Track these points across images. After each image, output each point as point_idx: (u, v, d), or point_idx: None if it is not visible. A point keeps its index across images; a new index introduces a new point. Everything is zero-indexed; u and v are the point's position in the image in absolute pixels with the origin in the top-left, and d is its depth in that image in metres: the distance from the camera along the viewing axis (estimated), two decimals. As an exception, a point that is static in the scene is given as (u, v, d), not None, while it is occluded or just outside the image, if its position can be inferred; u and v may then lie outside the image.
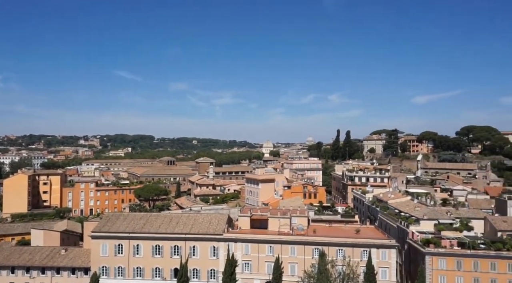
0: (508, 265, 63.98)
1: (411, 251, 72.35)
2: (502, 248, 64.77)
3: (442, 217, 77.45)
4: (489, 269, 64.23)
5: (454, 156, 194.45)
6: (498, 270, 64.03)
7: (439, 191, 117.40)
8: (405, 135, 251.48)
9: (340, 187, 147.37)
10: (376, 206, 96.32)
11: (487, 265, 64.33)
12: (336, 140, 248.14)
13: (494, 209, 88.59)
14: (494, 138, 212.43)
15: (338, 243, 67.52)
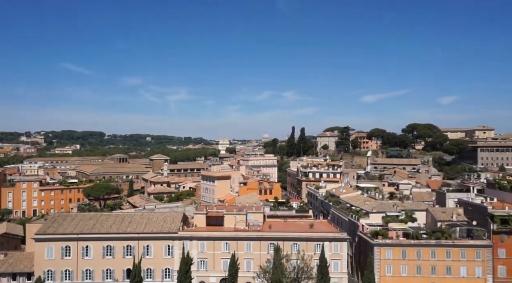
0: (446, 252, 69.21)
1: (361, 243, 75.84)
2: (441, 237, 69.88)
3: (389, 210, 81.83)
4: (430, 257, 69.11)
5: (400, 152, 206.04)
6: (438, 258, 69.07)
7: (386, 185, 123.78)
8: (356, 133, 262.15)
9: (295, 183, 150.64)
10: (329, 200, 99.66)
11: (428, 253, 69.17)
12: (291, 137, 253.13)
13: (435, 201, 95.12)
14: (435, 135, 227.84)
15: (293, 237, 69.10)
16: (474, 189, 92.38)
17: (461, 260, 69.09)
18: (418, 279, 68.78)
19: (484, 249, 69.49)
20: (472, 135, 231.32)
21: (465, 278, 68.86)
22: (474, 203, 79.90)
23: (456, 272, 68.89)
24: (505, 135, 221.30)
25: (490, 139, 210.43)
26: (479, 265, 69.21)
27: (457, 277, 68.79)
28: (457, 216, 77.71)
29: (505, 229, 70.21)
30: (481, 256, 69.36)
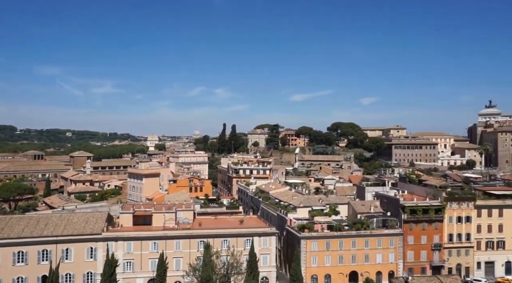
0: (365, 241, 75.04)
1: (289, 236, 78.76)
2: (360, 228, 75.51)
3: (315, 204, 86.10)
4: (351, 247, 74.32)
5: (325, 149, 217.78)
6: (357, 247, 74.57)
7: (313, 181, 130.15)
8: (285, 130, 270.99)
9: (225, 180, 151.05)
10: (259, 196, 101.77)
11: (350, 244, 74.34)
12: (222, 134, 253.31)
13: (355, 195, 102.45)
14: (356, 133, 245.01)
15: (223, 234, 69.32)
16: (388, 183, 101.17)
17: (377, 248, 75.42)
18: (340, 268, 73.57)
19: (397, 237, 76.70)
20: (388, 134, 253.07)
21: (381, 264, 75.41)
22: (388, 195, 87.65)
23: (373, 259, 75.07)
24: (415, 134, 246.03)
25: (402, 138, 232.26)
26: (392, 251, 76.25)
27: (374, 263, 75.03)
28: (375, 208, 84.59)
29: (413, 218, 78.24)
30: (394, 243, 76.46)
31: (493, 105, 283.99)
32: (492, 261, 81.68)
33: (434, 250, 78.94)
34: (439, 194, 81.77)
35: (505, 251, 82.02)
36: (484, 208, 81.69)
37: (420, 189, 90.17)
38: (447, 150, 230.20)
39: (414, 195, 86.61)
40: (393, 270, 75.86)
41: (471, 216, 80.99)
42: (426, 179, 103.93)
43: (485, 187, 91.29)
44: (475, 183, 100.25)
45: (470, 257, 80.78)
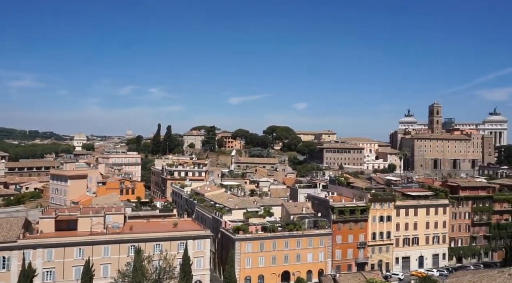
0: (297, 242, 77.67)
1: (224, 238, 78.66)
2: (293, 229, 78.00)
3: (250, 206, 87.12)
4: (283, 247, 76.38)
5: (261, 152, 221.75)
6: (290, 247, 76.90)
7: (248, 183, 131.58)
8: (222, 132, 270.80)
9: (159, 182, 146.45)
10: (194, 199, 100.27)
11: (282, 244, 76.37)
12: (157, 134, 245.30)
13: (289, 197, 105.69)
14: (291, 137, 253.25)
15: (156, 238, 67.04)
16: (320, 185, 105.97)
17: (308, 248, 78.49)
18: (273, 269, 75.24)
19: (326, 237, 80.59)
20: (320, 138, 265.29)
21: (311, 263, 78.61)
22: (319, 197, 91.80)
23: (304, 258, 77.96)
24: (344, 139, 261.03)
25: (333, 142, 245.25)
26: (322, 250, 79.94)
27: (305, 263, 77.97)
28: (306, 209, 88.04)
29: (342, 218, 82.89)
30: (324, 243, 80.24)
31: (411, 114, 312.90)
32: (408, 256, 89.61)
33: (360, 248, 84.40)
34: (365, 196, 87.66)
35: (418, 246, 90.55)
36: (402, 208, 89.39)
37: (348, 190, 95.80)
38: (372, 154, 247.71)
39: (342, 196, 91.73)
40: (322, 268, 79.52)
41: (391, 215, 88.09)
42: (353, 181, 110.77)
43: (403, 189, 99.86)
44: (395, 185, 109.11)
45: (390, 253, 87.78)
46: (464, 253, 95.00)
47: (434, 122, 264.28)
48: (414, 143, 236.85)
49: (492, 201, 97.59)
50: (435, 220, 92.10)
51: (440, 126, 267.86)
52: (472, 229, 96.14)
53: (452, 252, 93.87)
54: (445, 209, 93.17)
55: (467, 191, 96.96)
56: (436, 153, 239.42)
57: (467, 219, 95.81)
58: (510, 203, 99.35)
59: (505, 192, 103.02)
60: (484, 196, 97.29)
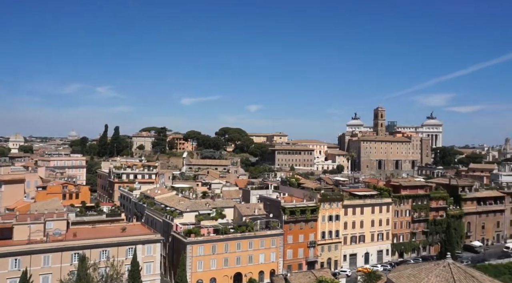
0: (249, 243, 78.05)
1: (175, 242, 76.98)
2: (245, 230, 78.30)
3: (202, 208, 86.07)
4: (236, 249, 76.39)
5: (213, 153, 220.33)
6: (242, 249, 77.08)
7: (200, 185, 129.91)
8: (173, 134, 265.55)
9: (106, 185, 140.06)
10: (143, 202, 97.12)
11: (235, 246, 76.35)
12: (103, 136, 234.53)
13: (241, 198, 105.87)
14: (243, 139, 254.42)
15: (102, 244, 63.91)
16: (271, 186, 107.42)
17: (260, 249, 79.18)
18: (225, 271, 74.94)
19: (278, 237, 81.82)
20: (272, 140, 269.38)
21: (263, 264, 79.35)
22: (271, 198, 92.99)
23: (256, 259, 78.53)
24: (295, 141, 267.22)
25: (284, 144, 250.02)
26: (274, 251, 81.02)
27: (257, 263, 78.56)
28: (258, 210, 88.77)
29: (293, 218, 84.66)
30: (275, 243, 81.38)
31: (357, 117, 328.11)
32: (355, 253, 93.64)
33: (310, 247, 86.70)
34: (315, 196, 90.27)
35: (365, 244, 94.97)
36: (350, 207, 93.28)
37: (299, 191, 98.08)
38: (321, 155, 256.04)
39: (293, 197, 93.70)
40: (274, 268, 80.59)
41: (340, 214, 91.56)
42: (304, 182, 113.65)
43: (351, 189, 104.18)
44: (343, 185, 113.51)
45: (338, 251, 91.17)
46: (405, 248, 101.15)
47: (379, 125, 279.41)
48: (361, 145, 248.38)
49: (429, 199, 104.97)
50: (380, 218, 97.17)
51: (384, 129, 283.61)
52: (412, 225, 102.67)
53: (395, 248, 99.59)
54: (389, 207, 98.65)
55: (407, 190, 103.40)
56: (381, 154, 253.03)
57: (408, 216, 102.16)
58: (445, 200, 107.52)
59: (440, 190, 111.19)
60: (422, 195, 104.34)
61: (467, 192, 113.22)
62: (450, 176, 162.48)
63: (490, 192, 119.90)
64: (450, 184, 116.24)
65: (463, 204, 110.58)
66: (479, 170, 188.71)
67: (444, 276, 42.68)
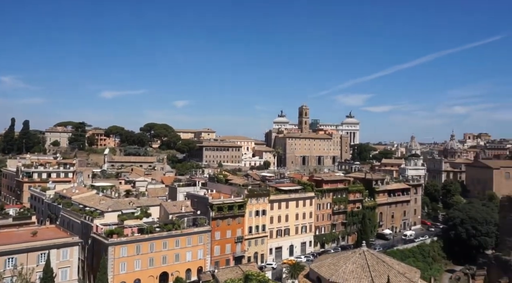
0: (176, 241, 76.47)
1: (95, 244, 72.28)
2: (172, 228, 76.51)
3: (125, 208, 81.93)
4: (162, 248, 74.28)
5: (138, 150, 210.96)
6: (168, 247, 75.22)
7: (123, 183, 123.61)
8: (93, 129, 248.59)
9: (13, 186, 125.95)
10: (59, 203, 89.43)
11: (161, 245, 74.19)
12: (10, 130, 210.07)
13: (168, 196, 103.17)
14: (170, 135, 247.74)
15: (7, 251, 57.43)
16: (199, 183, 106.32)
17: (187, 247, 78.04)
18: (150, 271, 72.44)
19: (205, 234, 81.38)
20: (200, 136, 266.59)
21: (190, 262, 78.35)
22: (198, 195, 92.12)
23: (183, 257, 77.23)
24: (223, 137, 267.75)
25: (212, 140, 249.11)
26: (201, 248, 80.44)
27: (184, 262, 77.31)
28: (185, 208, 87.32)
29: (220, 215, 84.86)
30: (203, 240, 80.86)
31: (283, 115, 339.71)
32: (280, 246, 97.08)
33: (237, 242, 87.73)
34: (242, 192, 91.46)
35: (289, 237, 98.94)
36: (276, 202, 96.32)
37: (227, 187, 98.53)
38: (249, 152, 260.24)
39: (221, 193, 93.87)
40: (201, 265, 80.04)
41: (266, 209, 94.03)
42: (232, 179, 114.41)
43: (277, 184, 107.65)
44: (269, 181, 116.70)
45: (265, 245, 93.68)
46: (326, 239, 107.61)
47: (303, 123, 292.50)
48: (286, 141, 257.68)
49: (348, 192, 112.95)
50: (304, 212, 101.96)
51: (308, 126, 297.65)
52: (333, 217, 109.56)
53: (317, 239, 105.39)
54: (312, 201, 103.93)
55: (329, 184, 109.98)
56: (305, 150, 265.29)
57: (329, 209, 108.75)
58: (361, 193, 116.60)
59: (357, 184, 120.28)
60: (342, 188, 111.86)
61: (379, 185, 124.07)
62: (366, 170, 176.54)
63: (399, 184, 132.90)
64: (366, 178, 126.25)
65: (377, 196, 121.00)
66: (390, 165, 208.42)
67: (360, 262, 46.41)
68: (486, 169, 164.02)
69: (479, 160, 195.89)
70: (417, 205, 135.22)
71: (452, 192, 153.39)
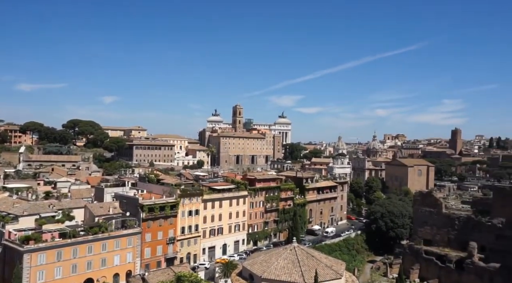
0: (102, 245, 72.16)
1: (8, 252, 65.38)
2: (98, 231, 71.98)
3: (44, 211, 75.32)
4: (86, 253, 69.51)
5: (60, 148, 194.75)
6: (94, 252, 70.68)
7: (42, 184, 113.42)
8: (6, 125, 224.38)
9: None
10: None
11: (85, 250, 69.41)
12: None
13: (94, 197, 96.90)
14: (96, 132, 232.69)
15: None
16: (129, 183, 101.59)
17: (115, 250, 74.02)
18: (73, 278, 67.43)
19: (135, 236, 77.97)
20: (130, 134, 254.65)
21: (118, 266, 74.43)
22: (128, 195, 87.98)
23: (110, 262, 73.09)
24: (155, 135, 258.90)
25: (143, 139, 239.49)
26: (130, 251, 76.89)
27: (111, 266, 73.21)
28: (114, 209, 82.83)
29: (151, 216, 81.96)
30: (132, 243, 77.37)
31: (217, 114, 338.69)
32: (213, 245, 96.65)
33: (169, 243, 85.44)
34: (174, 191, 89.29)
35: (223, 236, 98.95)
36: (209, 201, 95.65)
37: (158, 187, 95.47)
38: (182, 151, 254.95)
39: (152, 193, 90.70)
40: (131, 269, 76.51)
41: (199, 209, 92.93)
42: (164, 178, 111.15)
43: (210, 183, 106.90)
44: (203, 180, 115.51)
45: (198, 245, 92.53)
46: (259, 237, 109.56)
47: (237, 122, 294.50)
48: (220, 141, 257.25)
49: (280, 190, 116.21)
50: (237, 210, 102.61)
51: (241, 125, 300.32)
52: (265, 215, 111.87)
53: (250, 237, 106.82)
54: (245, 199, 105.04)
55: (261, 183, 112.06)
56: (238, 149, 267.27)
57: (262, 207, 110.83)
58: (292, 191, 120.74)
59: (289, 182, 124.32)
60: (274, 187, 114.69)
61: (310, 183, 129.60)
62: (297, 169, 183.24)
63: (327, 182, 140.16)
64: (297, 176, 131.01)
65: (307, 193, 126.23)
66: (319, 164, 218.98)
67: (291, 258, 48.05)
68: (402, 167, 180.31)
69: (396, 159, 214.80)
70: (343, 201, 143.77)
71: (373, 189, 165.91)
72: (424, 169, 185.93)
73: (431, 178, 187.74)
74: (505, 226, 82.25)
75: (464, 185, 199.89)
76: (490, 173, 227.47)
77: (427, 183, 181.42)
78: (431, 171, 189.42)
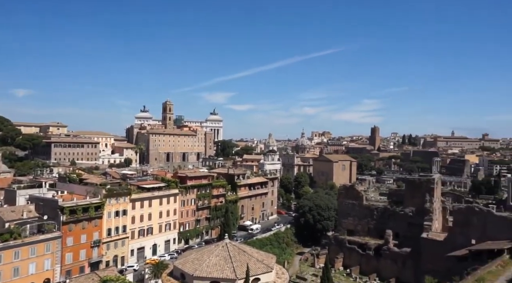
0: (15, 253, 65.39)
1: None
2: (9, 238, 64.98)
3: None
4: (-5, 263, 62.35)
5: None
6: (4, 261, 63.79)
7: None
8: None
9: None
10: None
11: (-6, 260, 62.19)
12: None
13: (3, 201, 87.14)
14: (7, 129, 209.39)
15: None
16: (46, 184, 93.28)
17: (30, 258, 67.55)
18: (-22, 292, 60.09)
19: (54, 241, 71.86)
20: (47, 131, 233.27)
21: (34, 275, 68.05)
22: (45, 197, 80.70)
23: (24, 271, 66.50)
24: (76, 132, 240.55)
25: (63, 136, 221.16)
26: (49, 257, 70.74)
27: (26, 276, 66.67)
28: (28, 213, 75.40)
29: (73, 218, 76.20)
30: (51, 248, 71.24)
31: (146, 110, 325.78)
32: (143, 246, 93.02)
33: (94, 247, 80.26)
34: (99, 192, 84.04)
35: (153, 236, 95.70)
36: (138, 200, 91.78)
37: (81, 188, 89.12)
38: (108, 148, 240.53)
39: (74, 194, 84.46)
40: (49, 277, 70.43)
41: (127, 209, 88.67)
42: (87, 178, 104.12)
43: (139, 182, 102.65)
44: (131, 179, 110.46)
45: (126, 247, 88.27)
46: (190, 235, 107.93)
47: (167, 118, 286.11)
48: (149, 138, 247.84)
49: (212, 187, 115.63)
50: (168, 209, 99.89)
51: (172, 122, 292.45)
52: (197, 213, 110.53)
53: (181, 236, 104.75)
54: (176, 198, 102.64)
55: (193, 180, 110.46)
56: (169, 147, 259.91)
57: (193, 205, 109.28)
58: (224, 188, 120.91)
59: (221, 179, 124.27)
60: (206, 184, 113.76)
61: (241, 179, 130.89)
62: (229, 166, 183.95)
63: (258, 178, 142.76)
64: (229, 173, 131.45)
65: (239, 189, 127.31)
66: (250, 160, 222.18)
67: (223, 254, 48.12)
68: (328, 162, 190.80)
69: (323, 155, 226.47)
70: (273, 197, 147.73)
71: (302, 183, 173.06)
72: (348, 164, 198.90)
73: (353, 172, 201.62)
74: (415, 214, 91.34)
75: (382, 178, 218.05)
76: (403, 167, 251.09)
77: (350, 177, 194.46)
78: (354, 166, 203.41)
